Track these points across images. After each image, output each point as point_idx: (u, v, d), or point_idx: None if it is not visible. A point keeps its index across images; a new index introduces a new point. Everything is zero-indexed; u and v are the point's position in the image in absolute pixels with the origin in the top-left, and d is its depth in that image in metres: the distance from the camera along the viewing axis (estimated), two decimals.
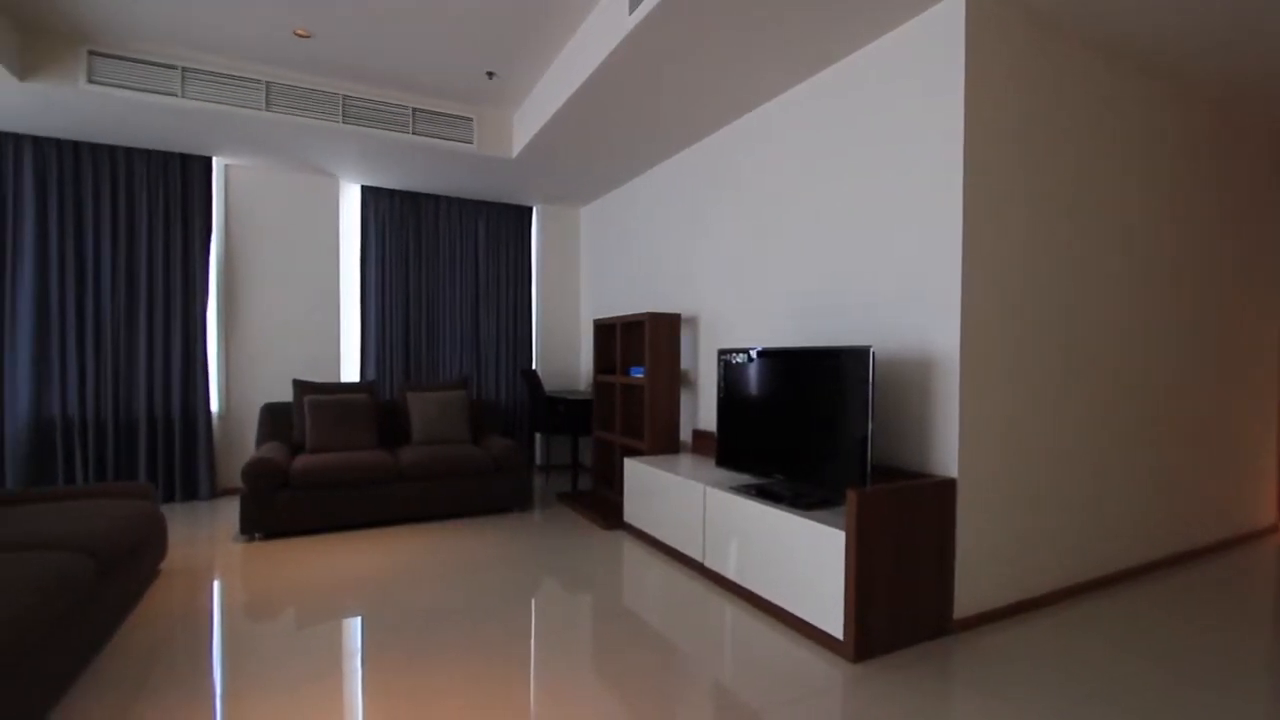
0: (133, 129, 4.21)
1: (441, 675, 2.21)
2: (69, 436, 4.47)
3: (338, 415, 4.40)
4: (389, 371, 5.58)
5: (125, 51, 3.65)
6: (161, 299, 4.68)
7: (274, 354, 5.19)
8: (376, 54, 3.78)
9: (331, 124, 4.11)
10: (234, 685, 2.14)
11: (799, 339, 3.41)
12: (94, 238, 4.51)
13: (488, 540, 3.84)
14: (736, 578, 2.95)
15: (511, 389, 6.11)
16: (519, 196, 5.88)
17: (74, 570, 2.10)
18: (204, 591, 3.01)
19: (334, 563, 3.42)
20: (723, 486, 3.13)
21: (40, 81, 3.52)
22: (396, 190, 5.60)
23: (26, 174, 4.33)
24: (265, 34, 3.56)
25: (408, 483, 4.17)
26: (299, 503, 3.86)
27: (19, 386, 4.33)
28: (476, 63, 3.88)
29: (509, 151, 4.68)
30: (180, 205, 4.72)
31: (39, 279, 4.38)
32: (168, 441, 4.74)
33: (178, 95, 3.75)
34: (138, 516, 2.80)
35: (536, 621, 2.69)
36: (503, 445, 4.52)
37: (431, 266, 5.78)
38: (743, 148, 3.86)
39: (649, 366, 4.16)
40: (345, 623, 2.67)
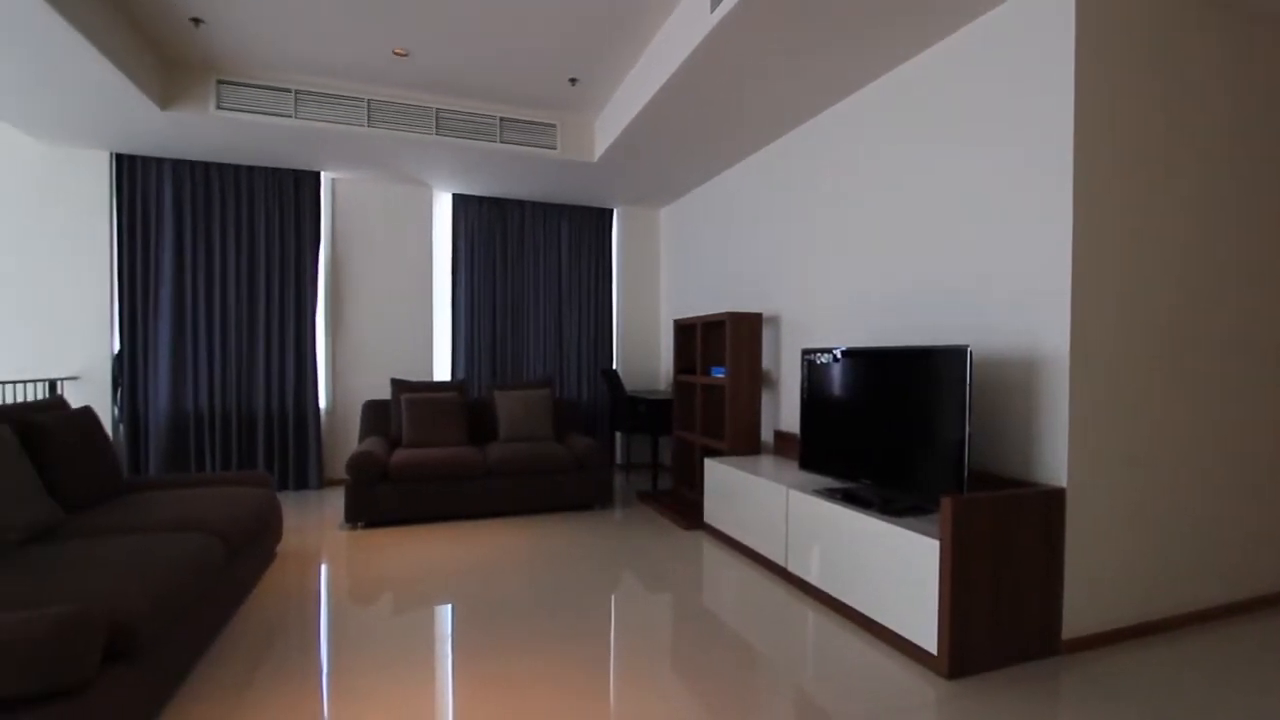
0: (253, 149, 4.61)
1: (525, 663, 2.28)
2: (200, 429, 4.95)
3: (431, 412, 4.64)
4: (477, 371, 5.82)
5: (247, 78, 4.01)
6: (277, 304, 5.10)
7: (374, 354, 5.54)
8: (467, 68, 3.95)
9: (426, 136, 4.34)
10: (339, 662, 2.30)
11: (887, 338, 3.27)
12: (220, 250, 4.98)
13: (569, 536, 3.93)
14: (820, 583, 2.87)
15: (592, 388, 6.22)
16: (600, 199, 5.98)
17: (209, 551, 2.32)
18: (314, 575, 3.26)
19: (427, 552, 3.60)
20: (806, 489, 3.06)
21: (178, 110, 3.93)
22: (484, 197, 5.83)
23: (167, 194, 4.84)
24: (367, 55, 3.80)
25: (495, 478, 4.33)
26: (397, 494, 4.10)
27: (160, 385, 4.84)
28: (560, 70, 3.98)
29: (591, 155, 4.77)
30: (294, 217, 5.13)
31: (175, 288, 4.88)
32: (282, 435, 5.16)
33: (291, 116, 4.07)
34: (259, 503, 3.06)
35: (616, 617, 2.73)
36: (585, 443, 4.61)
37: (517, 269, 5.98)
38: (825, 142, 3.74)
39: (730, 366, 4.12)
40: (437, 609, 2.81)
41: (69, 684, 1.46)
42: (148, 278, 4.84)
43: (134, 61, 3.52)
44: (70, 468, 2.68)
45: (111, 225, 4.76)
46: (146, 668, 1.81)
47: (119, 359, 4.82)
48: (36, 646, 1.41)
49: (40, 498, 2.39)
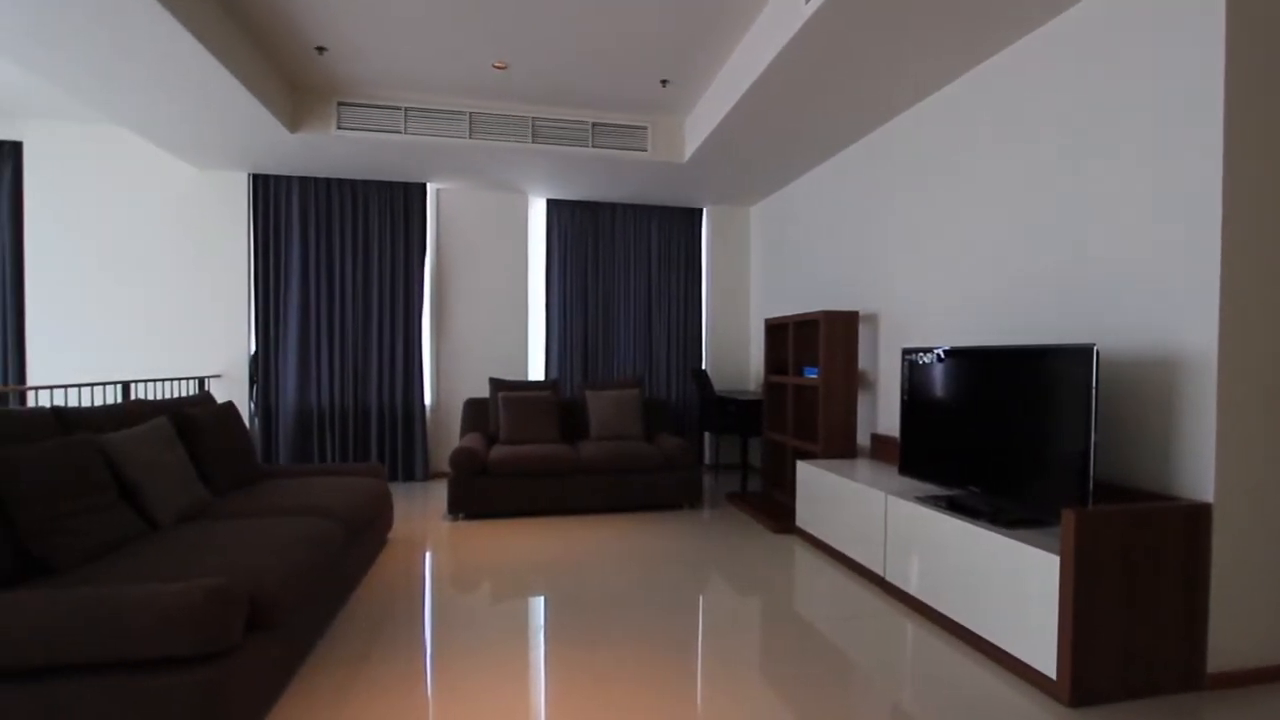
0: (367, 164, 4.98)
1: (613, 658, 2.32)
2: (321, 423, 5.40)
3: (526, 411, 4.81)
4: (569, 370, 5.99)
5: (363, 99, 4.33)
6: (388, 309, 5.48)
7: (474, 354, 5.82)
8: (562, 76, 4.07)
9: (523, 145, 4.51)
10: (441, 644, 2.44)
11: (993, 338, 3.06)
12: (339, 259, 5.41)
13: (658, 535, 3.95)
14: (920, 594, 2.73)
15: (681, 388, 6.23)
16: (689, 199, 5.98)
17: (331, 535, 2.53)
18: (420, 561, 3.47)
19: (522, 545, 3.74)
20: (907, 496, 2.91)
21: (305, 131, 4.31)
22: (576, 201, 5.99)
23: (294, 208, 5.32)
24: (469, 70, 4.00)
25: (586, 475, 4.43)
26: (495, 488, 4.29)
27: (288, 383, 5.33)
28: (651, 73, 4.01)
29: (681, 156, 4.78)
30: (403, 227, 5.49)
31: (301, 295, 5.35)
32: (392, 429, 5.53)
33: (401, 132, 4.36)
34: (373, 493, 3.30)
35: (705, 617, 2.72)
36: (674, 443, 4.62)
37: (607, 271, 6.09)
38: (927, 132, 3.55)
39: (823, 367, 3.99)
40: (531, 600, 2.91)
41: (217, 648, 1.63)
42: (278, 286, 5.34)
43: (270, 92, 3.90)
44: (216, 456, 3.01)
45: (248, 239, 5.29)
46: (280, 638, 1.99)
47: (254, 359, 5.35)
48: (192, 613, 1.59)
49: (193, 482, 2.70)
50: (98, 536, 2.05)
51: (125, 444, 2.38)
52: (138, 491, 2.37)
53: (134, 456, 2.39)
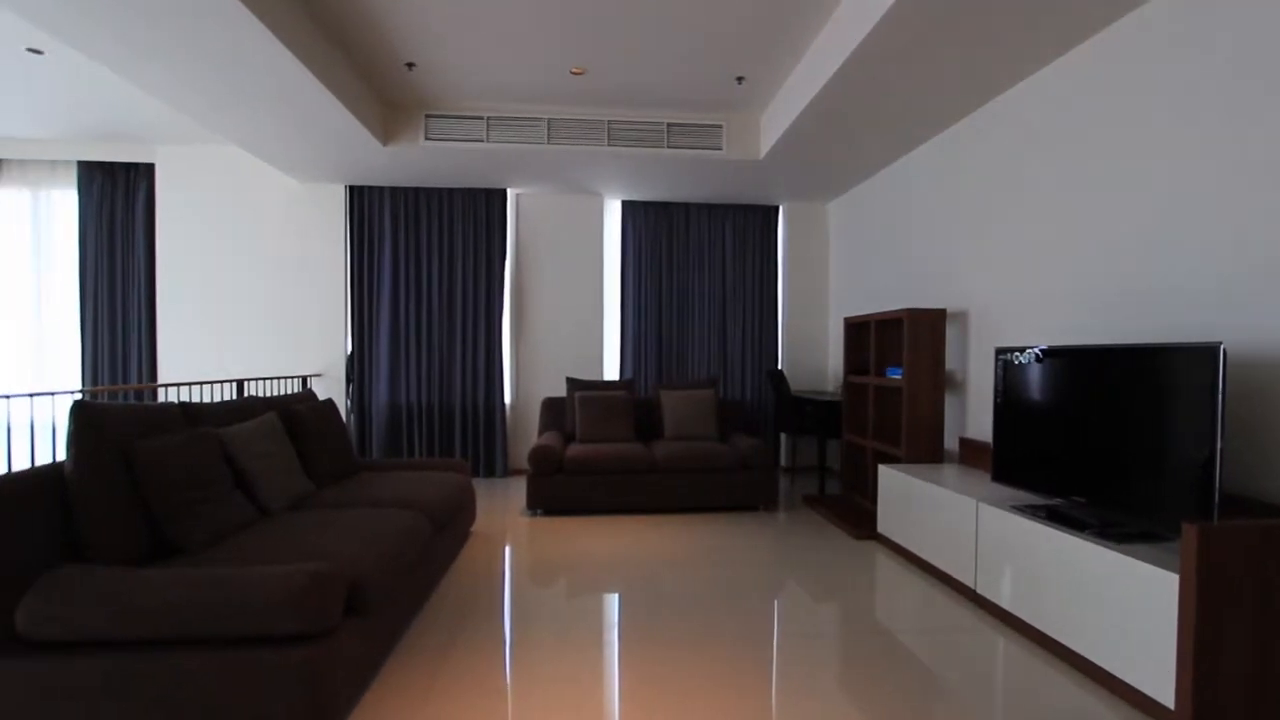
0: (452, 172, 5.20)
1: (687, 659, 2.31)
2: (410, 420, 5.70)
3: (602, 410, 4.89)
4: (644, 370, 6.03)
5: (448, 111, 4.54)
6: (471, 311, 5.71)
7: (551, 354, 5.97)
8: (638, 77, 4.10)
9: (599, 148, 4.59)
10: (520, 636, 2.52)
11: (1100, 335, 2.83)
12: (426, 264, 5.69)
13: (733, 536, 3.91)
14: (1014, 609, 2.56)
15: (756, 389, 6.14)
16: (765, 196, 5.88)
17: (420, 526, 2.67)
18: (501, 555, 3.59)
19: (597, 542, 3.80)
20: (1001, 505, 2.75)
21: (396, 144, 4.56)
22: (651, 202, 6.02)
23: (386, 217, 5.64)
24: (547, 77, 4.10)
25: (660, 475, 4.44)
26: (571, 486, 4.38)
27: (380, 382, 5.65)
28: (728, 70, 3.98)
29: (756, 153, 4.71)
30: (484, 231, 5.71)
31: (392, 298, 5.66)
32: (474, 427, 5.75)
33: (484, 140, 4.53)
34: (458, 487, 3.44)
35: (781, 622, 2.66)
36: (749, 444, 4.56)
37: (682, 271, 6.09)
38: (1023, 119, 3.33)
39: (907, 367, 3.83)
40: (605, 597, 2.95)
41: (319, 629, 1.76)
42: (371, 290, 5.68)
43: (365, 108, 4.15)
44: (318, 450, 3.23)
45: (345, 247, 5.65)
46: (375, 622, 2.12)
47: (350, 359, 5.70)
48: (296, 595, 1.72)
49: (298, 473, 2.91)
50: (219, 521, 2.26)
51: (241, 437, 2.60)
52: (251, 481, 2.58)
53: (248, 449, 2.60)
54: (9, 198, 5.43)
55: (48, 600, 1.68)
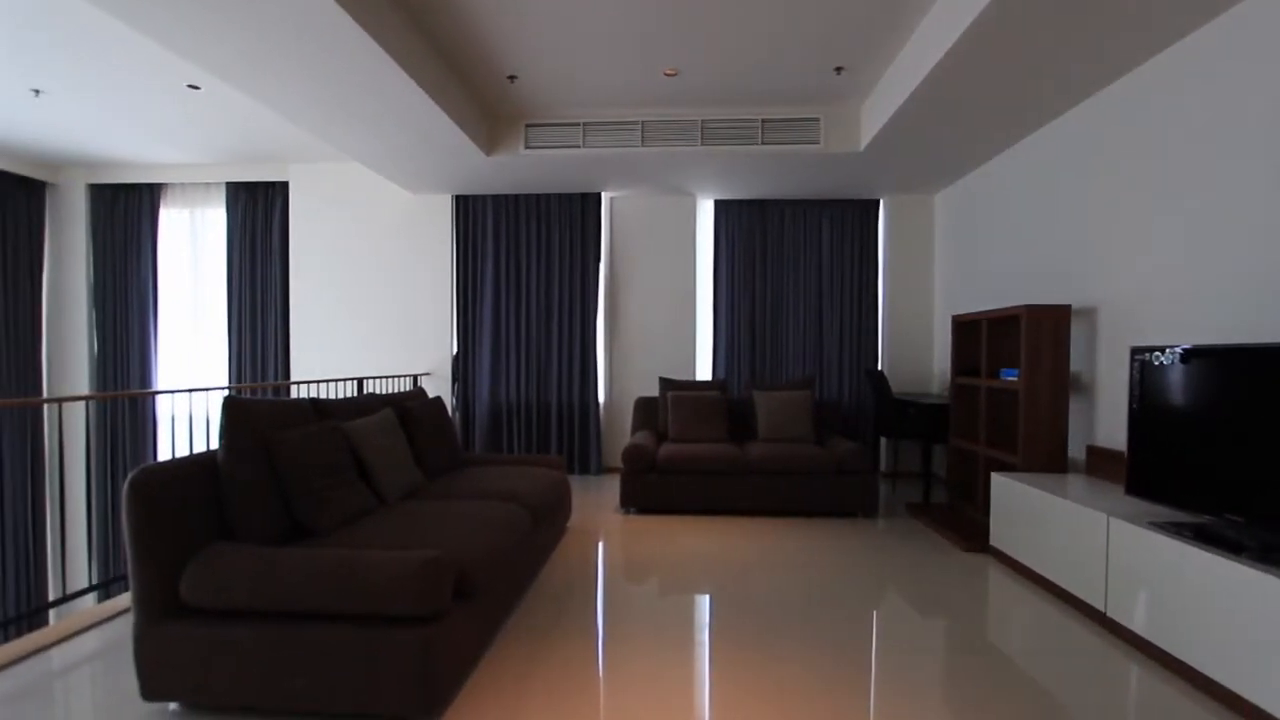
0: (549, 178, 5.38)
1: (780, 665, 2.26)
2: (509, 417, 5.95)
3: (695, 410, 4.88)
4: (737, 371, 5.97)
5: (546, 119, 4.70)
6: (566, 312, 5.88)
7: (644, 354, 6.04)
8: (732, 75, 4.07)
9: (692, 148, 4.59)
10: (613, 631, 2.56)
11: (1256, 334, 2.49)
12: (525, 266, 5.92)
13: (829, 542, 3.79)
14: (1152, 636, 2.31)
15: (854, 390, 5.91)
16: (865, 190, 5.65)
17: (521, 519, 2.78)
18: (595, 551, 3.67)
19: (690, 542, 3.80)
20: (1137, 521, 2.49)
21: (499, 154, 4.78)
22: (744, 200, 5.95)
23: (488, 223, 5.93)
24: (641, 80, 4.15)
25: (754, 476, 4.38)
26: (664, 485, 4.40)
27: (483, 379, 5.94)
28: (826, 60, 3.86)
29: (856, 145, 4.54)
30: (580, 235, 5.86)
31: (494, 301, 5.93)
32: (569, 425, 5.92)
33: (580, 146, 4.66)
34: (554, 483, 3.56)
35: (882, 635, 2.55)
36: (847, 447, 4.40)
37: (776, 269, 5.98)
38: (1171, 89, 3.00)
39: (1025, 368, 3.55)
40: (697, 598, 2.95)
41: (431, 611, 1.87)
42: (475, 294, 5.98)
43: (471, 122, 4.39)
44: (428, 444, 3.44)
45: (451, 253, 6.00)
46: (481, 607, 2.24)
47: (456, 359, 6.04)
48: (411, 579, 1.84)
49: (411, 466, 3.12)
50: (344, 508, 2.46)
51: (362, 431, 2.82)
52: (371, 472, 2.79)
53: (368, 442, 2.82)
54: (171, 218, 6.19)
55: (204, 573, 1.90)
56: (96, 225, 6.18)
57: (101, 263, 6.17)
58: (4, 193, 5.77)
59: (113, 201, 6.16)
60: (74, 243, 6.19)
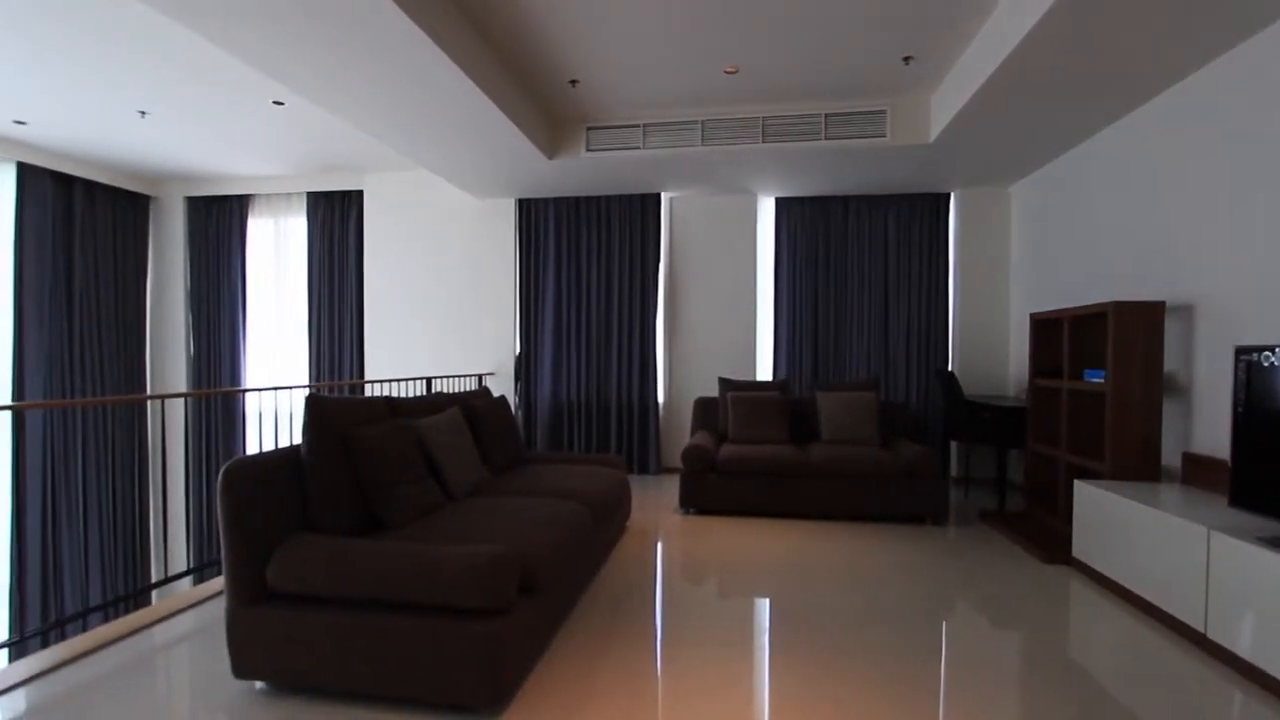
0: (609, 180, 5.43)
1: (842, 673, 2.20)
2: (570, 416, 6.04)
3: (755, 411, 4.83)
4: (799, 371, 5.86)
5: (607, 122, 4.75)
6: (626, 313, 5.92)
7: (703, 354, 6.02)
8: (794, 70, 4.00)
9: (753, 146, 4.54)
10: (672, 633, 2.56)
11: None
12: (585, 267, 6.00)
13: (895, 549, 3.67)
14: (1261, 662, 2.13)
15: (922, 392, 5.70)
16: (934, 184, 5.44)
17: (582, 517, 2.82)
18: (654, 550, 3.68)
19: (750, 544, 3.75)
20: (1243, 535, 2.29)
21: (560, 158, 4.87)
22: (806, 197, 5.84)
23: (550, 226, 6.04)
24: (701, 79, 4.13)
25: (816, 479, 4.28)
26: (724, 486, 4.37)
27: (544, 379, 6.06)
28: (893, 50, 3.74)
29: (925, 137, 4.37)
30: (639, 236, 5.89)
31: (555, 302, 6.04)
32: (629, 424, 5.96)
33: (640, 147, 4.69)
34: (614, 482, 3.59)
35: (949, 647, 2.45)
36: (915, 451, 4.24)
37: (839, 267, 5.83)
38: (1269, 72, 2.75)
39: (1113, 369, 3.33)
40: (757, 601, 2.91)
41: (497, 605, 1.93)
42: (537, 295, 6.11)
43: (534, 128, 4.49)
44: (494, 442, 3.54)
45: (514, 256, 6.14)
46: (544, 604, 2.28)
47: (518, 359, 6.18)
48: (480, 574, 1.90)
49: (478, 463, 3.21)
50: (415, 503, 2.56)
51: (432, 429, 2.93)
52: (440, 468, 2.89)
53: (437, 439, 2.93)
54: (258, 227, 6.61)
55: (288, 561, 2.02)
56: (192, 235, 6.67)
57: (196, 270, 6.65)
58: (114, 206, 6.30)
59: (206, 212, 6.63)
60: (173, 251, 6.69)
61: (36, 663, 2.25)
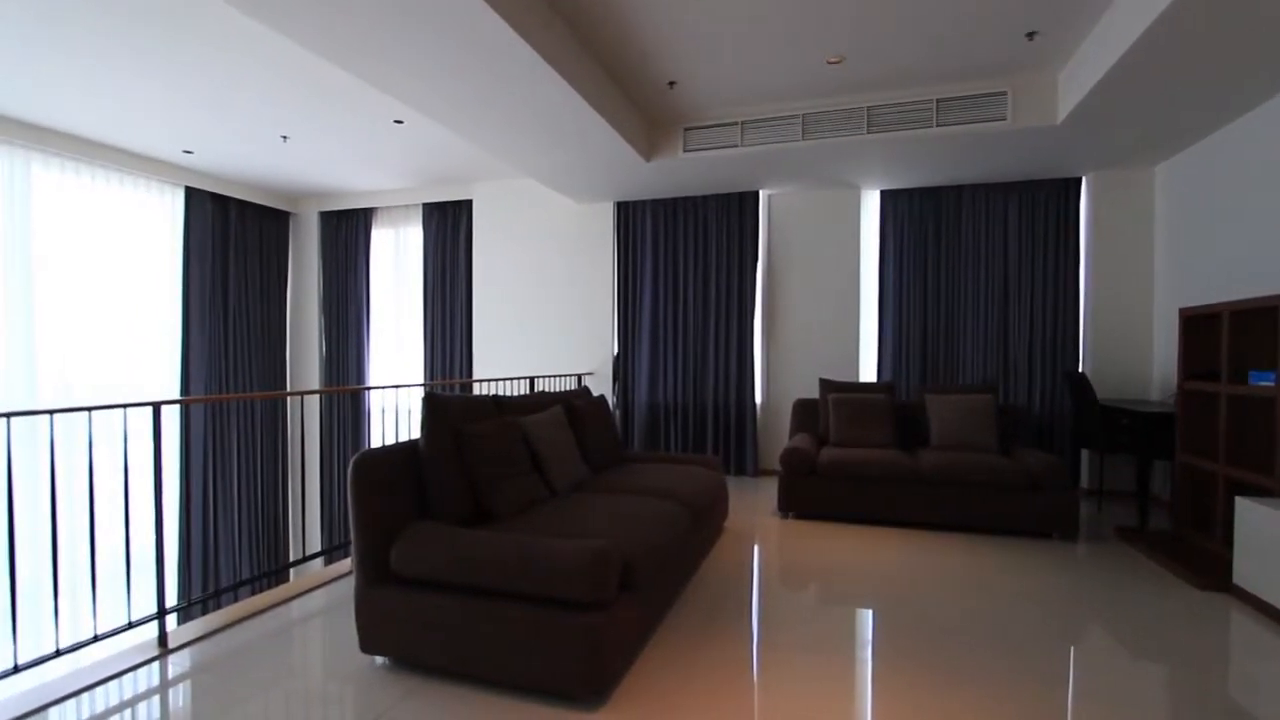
0: (706, 179, 5.42)
1: (952, 694, 2.07)
2: (666, 416, 6.08)
3: (858, 413, 4.64)
4: (905, 372, 5.57)
5: (704, 121, 4.74)
6: (723, 312, 5.87)
7: (803, 354, 5.86)
8: (903, 56, 3.81)
9: (857, 137, 4.36)
10: (768, 636, 2.52)
11: None
12: (682, 267, 6.01)
13: (1016, 566, 3.39)
14: None
15: (1048, 395, 5.24)
16: (1062, 168, 4.99)
17: (680, 517, 2.84)
18: (751, 554, 3.63)
19: (852, 552, 3.61)
20: None
21: (658, 160, 4.92)
22: (915, 189, 5.54)
23: (647, 228, 6.11)
24: (802, 72, 4.03)
25: (926, 486, 4.05)
26: (824, 490, 4.23)
27: (641, 379, 6.13)
28: (1014, 26, 3.47)
29: (1053, 118, 4.02)
30: (737, 235, 5.83)
31: (652, 302, 6.10)
32: (726, 425, 5.91)
33: (739, 145, 4.64)
34: (712, 483, 3.58)
35: (1079, 678, 2.23)
36: (1040, 459, 3.91)
37: (951, 262, 5.49)
38: None
39: None
40: (858, 611, 2.80)
41: (600, 599, 1.98)
42: (635, 296, 6.20)
43: (633, 131, 4.56)
44: (593, 440, 3.63)
45: (613, 258, 6.27)
46: (643, 599, 2.32)
47: (616, 360, 6.30)
48: (584, 568, 1.96)
49: (578, 460, 3.31)
50: (520, 496, 2.68)
51: (536, 426, 3.05)
52: (543, 464, 3.01)
53: (541, 436, 3.04)
54: (381, 238, 7.16)
55: (408, 547, 2.18)
56: (325, 246, 7.33)
57: (328, 278, 7.31)
58: (261, 223, 7.05)
59: (336, 226, 7.27)
60: (308, 262, 7.39)
61: (200, 626, 2.57)
